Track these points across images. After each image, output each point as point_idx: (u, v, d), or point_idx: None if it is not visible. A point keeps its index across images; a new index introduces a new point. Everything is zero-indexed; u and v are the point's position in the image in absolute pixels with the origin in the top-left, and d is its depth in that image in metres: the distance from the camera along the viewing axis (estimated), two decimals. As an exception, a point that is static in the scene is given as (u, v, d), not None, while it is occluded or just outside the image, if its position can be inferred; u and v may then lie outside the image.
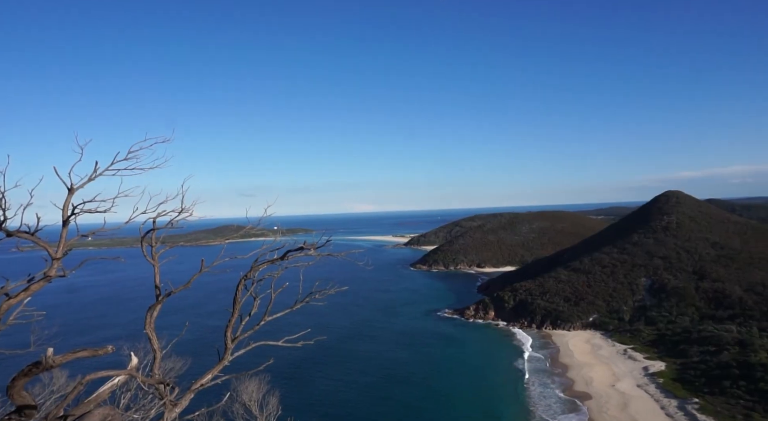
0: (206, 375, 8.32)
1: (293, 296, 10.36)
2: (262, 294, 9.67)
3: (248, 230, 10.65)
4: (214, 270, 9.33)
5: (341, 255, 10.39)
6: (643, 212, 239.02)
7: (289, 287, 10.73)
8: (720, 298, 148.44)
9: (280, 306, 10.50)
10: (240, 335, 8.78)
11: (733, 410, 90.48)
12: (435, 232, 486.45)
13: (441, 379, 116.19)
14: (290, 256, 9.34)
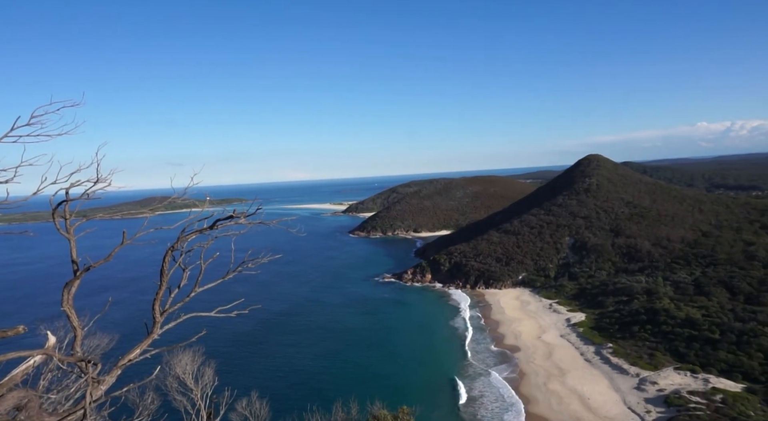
0: (134, 350, 8.04)
1: (226, 266, 10.13)
2: (191, 265, 9.38)
3: (173, 201, 10.18)
4: (137, 242, 8.88)
5: (273, 223, 10.24)
6: (567, 175, 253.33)
7: (221, 257, 10.47)
8: (632, 252, 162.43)
9: (213, 276, 10.26)
10: (169, 308, 8.51)
11: (640, 351, 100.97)
12: (372, 199, 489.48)
13: (386, 340, 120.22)
14: (219, 225, 9.07)
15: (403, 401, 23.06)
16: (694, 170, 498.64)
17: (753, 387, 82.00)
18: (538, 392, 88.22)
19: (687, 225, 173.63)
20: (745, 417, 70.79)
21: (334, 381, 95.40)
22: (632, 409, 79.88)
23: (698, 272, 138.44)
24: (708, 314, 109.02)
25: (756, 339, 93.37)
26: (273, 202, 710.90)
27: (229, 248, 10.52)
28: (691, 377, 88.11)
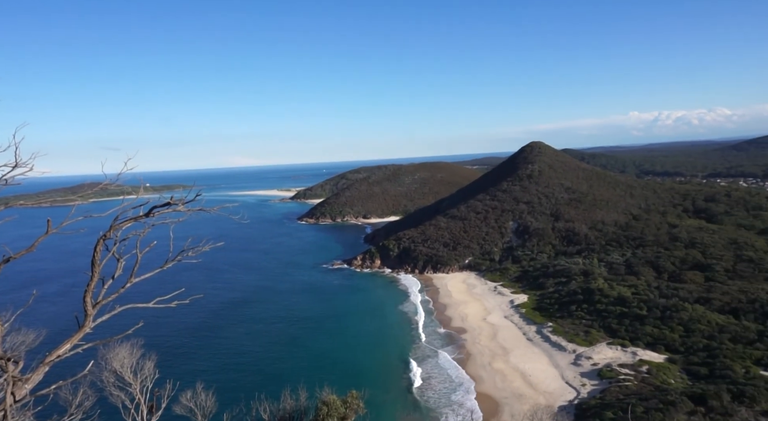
0: (63, 345, 7.59)
1: (165, 255, 9.73)
2: (127, 255, 8.93)
3: (105, 187, 9.62)
4: (65, 231, 8.33)
5: (214, 210, 9.90)
6: (511, 161, 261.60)
7: (159, 246, 10.05)
8: (571, 236, 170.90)
9: (152, 266, 9.83)
10: (102, 300, 8.08)
11: (577, 329, 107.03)
12: (321, 185, 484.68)
13: (339, 325, 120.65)
14: (156, 212, 8.67)
15: (355, 384, 23.26)
16: (627, 157, 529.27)
17: (674, 357, 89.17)
18: (483, 372, 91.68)
19: (620, 209, 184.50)
20: (667, 385, 76.98)
21: (289, 368, 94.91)
22: (569, 383, 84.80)
23: (629, 253, 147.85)
24: (637, 292, 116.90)
25: (677, 314, 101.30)
26: (218, 189, 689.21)
27: (176, 235, 10.13)
28: (622, 351, 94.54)
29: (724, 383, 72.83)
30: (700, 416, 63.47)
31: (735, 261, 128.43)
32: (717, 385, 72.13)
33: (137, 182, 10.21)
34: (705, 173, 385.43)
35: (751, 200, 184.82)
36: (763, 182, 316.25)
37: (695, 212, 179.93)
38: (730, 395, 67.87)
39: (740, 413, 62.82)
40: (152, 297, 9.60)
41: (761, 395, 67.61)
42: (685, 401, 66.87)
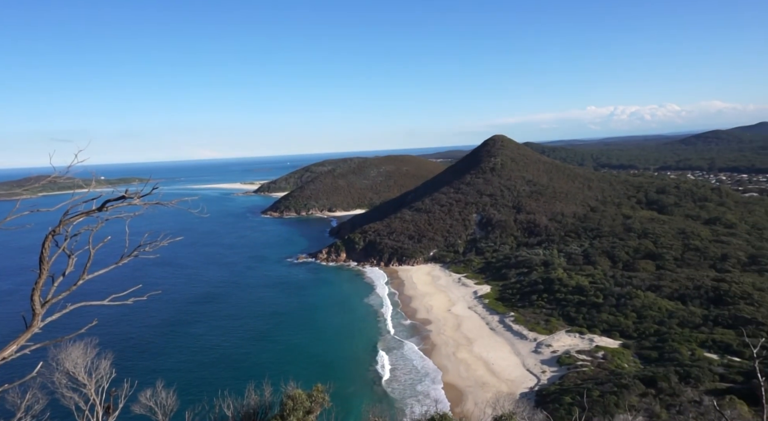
0: (9, 347, 7.22)
1: (120, 251, 9.38)
2: (78, 251, 8.56)
3: (54, 180, 9.16)
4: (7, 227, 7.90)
5: (172, 204, 9.59)
6: (474, 155, 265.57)
7: (114, 241, 9.68)
8: (532, 227, 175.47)
9: (107, 262, 9.46)
10: (51, 299, 7.72)
11: (538, 318, 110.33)
12: (285, 178, 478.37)
13: (305, 319, 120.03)
14: (110, 206, 8.34)
15: (322, 377, 23.22)
16: (585, 151, 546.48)
17: (627, 343, 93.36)
18: (448, 362, 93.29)
19: (578, 201, 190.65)
20: (621, 369, 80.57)
21: (257, 363, 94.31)
22: (530, 370, 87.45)
23: (587, 243, 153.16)
24: (594, 281, 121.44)
25: (631, 301, 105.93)
26: (178, 182, 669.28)
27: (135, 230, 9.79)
28: (579, 338, 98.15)
29: (673, 365, 76.83)
30: (650, 398, 66.76)
31: (683, 250, 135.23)
32: (666, 367, 76.00)
33: (90, 175, 9.78)
34: (657, 166, 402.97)
35: (698, 192, 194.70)
36: (708, 175, 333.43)
37: (648, 204, 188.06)
38: (678, 377, 71.68)
39: (686, 393, 66.44)
40: (111, 294, 9.27)
41: (705, 375, 71.75)
42: (637, 384, 70.16)
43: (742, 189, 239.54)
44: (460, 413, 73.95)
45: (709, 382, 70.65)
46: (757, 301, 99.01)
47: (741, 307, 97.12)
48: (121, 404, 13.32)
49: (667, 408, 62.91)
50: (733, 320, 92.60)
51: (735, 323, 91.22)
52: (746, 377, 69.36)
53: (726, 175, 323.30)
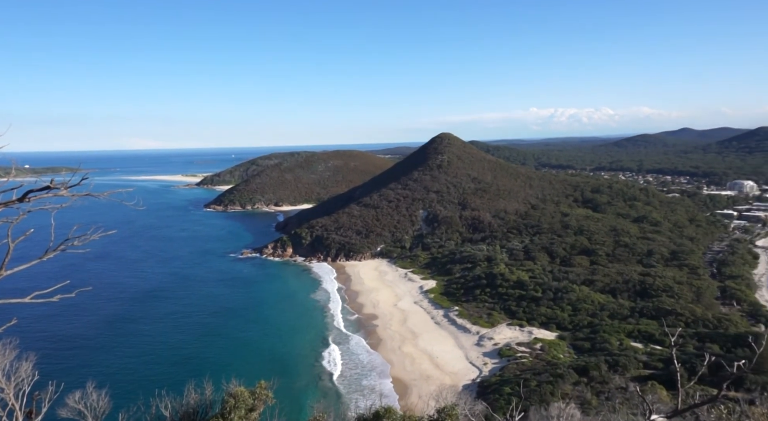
0: None
1: (45, 244, 8.76)
2: (-4, 245, 7.92)
3: (-32, 167, 8.41)
4: None
5: (103, 195, 9.06)
6: (422, 151, 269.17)
7: (37, 235, 9.03)
8: (476, 224, 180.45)
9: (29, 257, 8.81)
10: (-36, 296, 7.10)
11: (480, 312, 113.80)
12: (230, 171, 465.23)
13: (249, 314, 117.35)
14: (32, 197, 7.77)
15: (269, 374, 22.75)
16: (527, 151, 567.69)
17: (563, 334, 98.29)
18: (393, 356, 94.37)
19: (520, 199, 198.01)
20: (557, 360, 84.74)
21: (204, 360, 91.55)
22: (473, 363, 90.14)
23: (527, 240, 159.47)
24: (534, 275, 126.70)
25: (567, 295, 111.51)
26: (113, 173, 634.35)
27: (70, 223, 9.17)
28: (519, 331, 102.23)
29: (603, 355, 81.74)
30: (583, 386, 70.69)
31: (614, 246, 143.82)
32: (597, 357, 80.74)
33: (9, 163, 9.06)
34: (592, 167, 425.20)
35: (628, 192, 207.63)
36: (637, 176, 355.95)
37: (583, 202, 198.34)
38: (607, 365, 76.34)
39: (614, 381, 70.91)
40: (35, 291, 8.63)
41: (631, 363, 76.89)
42: (571, 373, 74.06)
43: (666, 190, 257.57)
44: (404, 406, 75.13)
45: (634, 369, 75.74)
46: (676, 293, 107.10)
47: (663, 299, 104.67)
48: (45, 408, 12.48)
49: (597, 395, 66.81)
50: (656, 312, 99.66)
51: (657, 314, 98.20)
52: (666, 364, 74.97)
53: (653, 177, 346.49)
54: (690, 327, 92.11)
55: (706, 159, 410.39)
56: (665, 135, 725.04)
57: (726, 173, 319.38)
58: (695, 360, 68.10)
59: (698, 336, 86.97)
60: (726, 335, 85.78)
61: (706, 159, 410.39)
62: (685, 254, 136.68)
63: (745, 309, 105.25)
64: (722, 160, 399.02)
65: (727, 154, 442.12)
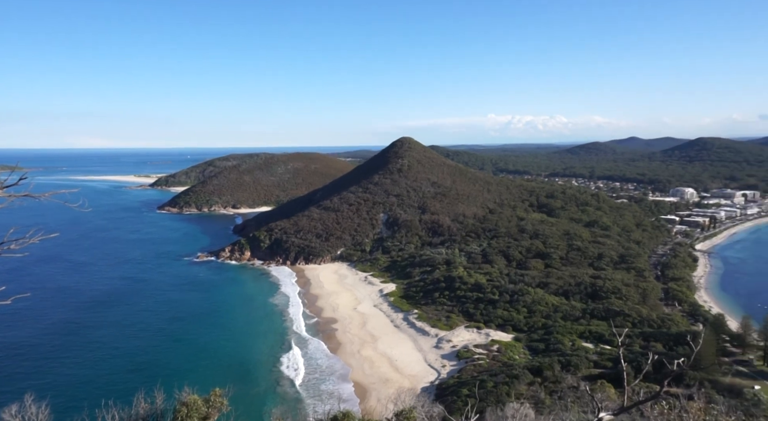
0: None
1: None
2: None
3: None
4: None
5: (45, 196, 8.58)
6: (383, 155, 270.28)
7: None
8: (436, 227, 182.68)
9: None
10: None
11: (439, 314, 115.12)
12: (186, 172, 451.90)
13: (205, 319, 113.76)
14: (-35, 198, 7.25)
15: (226, 380, 22.18)
16: (485, 156, 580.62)
17: (519, 336, 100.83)
18: (353, 360, 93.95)
19: (478, 203, 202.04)
20: (513, 361, 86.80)
21: (160, 367, 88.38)
22: (431, 365, 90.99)
23: (485, 243, 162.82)
24: (491, 278, 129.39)
25: (523, 297, 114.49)
26: (59, 172, 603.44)
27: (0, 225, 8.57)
28: (477, 333, 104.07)
29: (556, 355, 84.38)
30: (537, 386, 72.70)
31: (567, 250, 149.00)
32: (551, 357, 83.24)
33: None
34: (547, 173, 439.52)
35: (580, 197, 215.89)
36: (589, 182, 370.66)
37: (539, 207, 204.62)
38: (560, 365, 78.85)
39: (567, 380, 73.24)
40: None
41: (582, 363, 79.77)
42: (526, 374, 76.02)
43: (616, 196, 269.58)
44: (364, 410, 74.91)
45: (585, 369, 78.58)
46: (624, 295, 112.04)
47: (612, 300, 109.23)
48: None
49: (551, 394, 68.81)
50: (606, 313, 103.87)
51: (607, 315, 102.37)
52: (614, 363, 78.18)
53: (603, 183, 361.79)
54: (636, 327, 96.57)
55: (652, 167, 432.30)
56: (614, 143, 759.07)
57: (669, 181, 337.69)
58: (641, 359, 71.35)
59: (644, 335, 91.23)
60: (669, 334, 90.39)
61: (652, 167, 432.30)
62: (633, 258, 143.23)
63: (685, 309, 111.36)
64: (666, 168, 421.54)
65: (670, 162, 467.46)
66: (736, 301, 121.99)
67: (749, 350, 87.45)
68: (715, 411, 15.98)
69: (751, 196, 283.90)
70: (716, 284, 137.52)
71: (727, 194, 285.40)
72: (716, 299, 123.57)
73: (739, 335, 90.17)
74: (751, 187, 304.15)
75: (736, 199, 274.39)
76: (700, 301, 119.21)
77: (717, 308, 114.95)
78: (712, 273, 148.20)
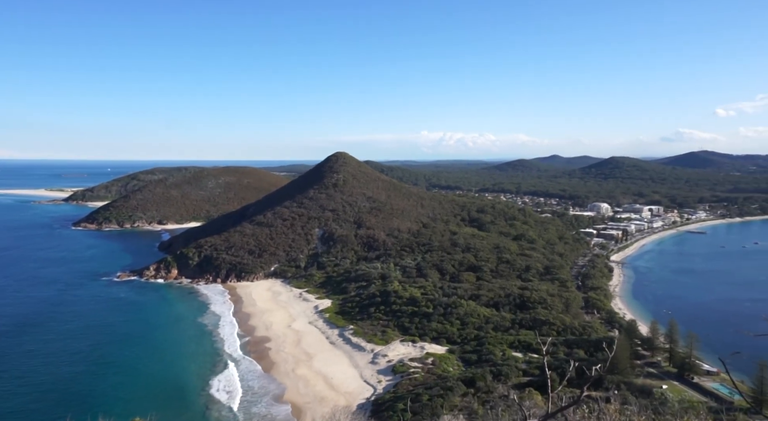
0: None
1: None
2: None
3: None
4: None
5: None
6: (318, 170, 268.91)
7: None
8: (371, 242, 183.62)
9: None
10: None
11: (375, 329, 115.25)
12: (106, 186, 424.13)
13: (124, 344, 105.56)
14: None
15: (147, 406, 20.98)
16: (419, 171, 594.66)
17: (453, 348, 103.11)
18: (287, 379, 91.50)
19: (413, 218, 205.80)
20: (447, 373, 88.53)
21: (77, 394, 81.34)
22: (367, 381, 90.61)
23: (420, 257, 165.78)
24: (425, 292, 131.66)
25: (456, 310, 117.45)
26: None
27: None
28: (412, 347, 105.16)
29: (488, 365, 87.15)
30: (470, 397, 74.62)
31: (497, 262, 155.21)
32: (483, 368, 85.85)
33: None
34: (477, 188, 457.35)
35: (509, 212, 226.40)
36: (516, 197, 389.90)
37: (470, 221, 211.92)
38: (492, 375, 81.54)
39: (498, 389, 75.81)
40: None
41: (512, 372, 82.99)
42: (459, 385, 77.81)
43: (540, 210, 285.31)
44: (298, 431, 73.15)
45: (515, 377, 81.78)
46: (549, 305, 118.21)
47: (539, 310, 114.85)
48: None
49: (483, 404, 70.80)
50: (533, 322, 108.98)
51: (534, 325, 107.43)
52: (541, 371, 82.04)
53: (529, 198, 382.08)
54: (561, 335, 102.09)
55: (572, 183, 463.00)
56: (538, 161, 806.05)
57: (587, 196, 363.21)
58: (565, 365, 75.46)
59: (567, 343, 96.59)
60: (589, 341, 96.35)
61: (572, 183, 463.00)
62: (557, 269, 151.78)
63: (603, 317, 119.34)
64: (584, 184, 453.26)
65: (587, 179, 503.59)
66: (646, 307, 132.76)
67: (657, 352, 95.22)
68: (628, 411, 17.32)
69: (656, 211, 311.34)
70: (629, 292, 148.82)
71: (636, 209, 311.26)
72: (629, 306, 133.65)
73: (649, 339, 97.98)
74: (655, 203, 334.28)
75: (644, 214, 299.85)
76: (616, 308, 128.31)
77: (630, 314, 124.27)
78: (625, 282, 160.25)
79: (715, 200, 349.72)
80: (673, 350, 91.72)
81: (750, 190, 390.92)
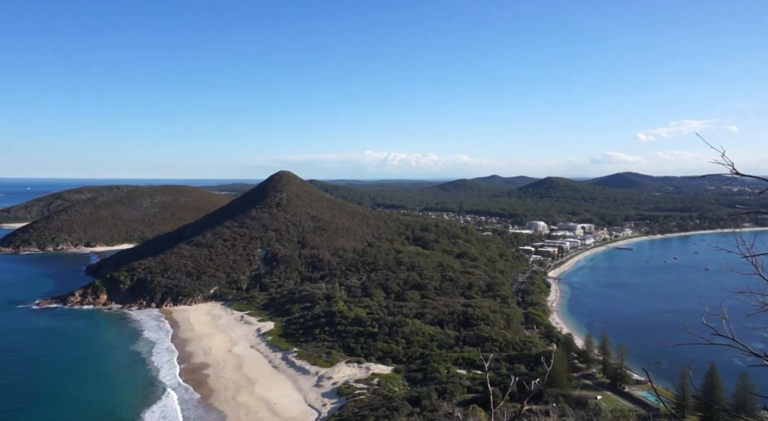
0: None
1: None
2: None
3: None
4: None
5: None
6: (260, 189, 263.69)
7: None
8: (315, 262, 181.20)
9: None
10: None
11: (320, 351, 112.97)
12: (25, 206, 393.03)
13: (48, 380, 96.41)
14: None
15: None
16: (363, 191, 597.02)
17: (398, 367, 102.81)
18: (227, 407, 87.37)
19: (358, 237, 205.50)
20: (392, 393, 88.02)
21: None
22: (312, 405, 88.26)
23: (365, 276, 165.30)
24: (371, 311, 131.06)
25: (401, 329, 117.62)
26: None
27: None
28: (358, 368, 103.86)
29: (433, 384, 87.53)
30: (416, 416, 74.43)
31: (441, 280, 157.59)
32: (428, 386, 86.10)
33: None
34: (421, 207, 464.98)
35: (451, 230, 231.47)
36: (458, 216, 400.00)
37: (414, 240, 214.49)
38: (437, 394, 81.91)
39: (443, 407, 76.23)
40: None
41: (457, 389, 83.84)
42: (405, 405, 77.49)
43: (482, 228, 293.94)
44: (238, 463, 69.73)
45: (459, 395, 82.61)
46: (492, 321, 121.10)
47: (481, 327, 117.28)
48: None
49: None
50: (476, 339, 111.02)
51: (477, 341, 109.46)
52: (484, 387, 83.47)
53: (471, 217, 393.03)
54: (503, 351, 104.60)
55: (511, 202, 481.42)
56: (479, 180, 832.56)
57: (525, 215, 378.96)
58: (507, 381, 77.20)
59: (509, 358, 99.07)
60: (530, 355, 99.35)
61: (511, 202, 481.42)
62: (498, 286, 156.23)
63: (542, 331, 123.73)
64: (522, 203, 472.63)
65: (525, 198, 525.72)
66: (581, 321, 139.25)
67: (592, 364, 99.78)
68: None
69: (588, 229, 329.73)
70: (565, 307, 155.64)
71: (570, 227, 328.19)
72: (566, 321, 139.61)
73: (584, 351, 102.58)
74: (587, 221, 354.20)
75: (578, 231, 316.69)
76: (554, 323, 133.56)
77: (567, 328, 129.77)
78: (561, 297, 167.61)
79: (639, 218, 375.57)
80: (606, 361, 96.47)
81: (668, 209, 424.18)
